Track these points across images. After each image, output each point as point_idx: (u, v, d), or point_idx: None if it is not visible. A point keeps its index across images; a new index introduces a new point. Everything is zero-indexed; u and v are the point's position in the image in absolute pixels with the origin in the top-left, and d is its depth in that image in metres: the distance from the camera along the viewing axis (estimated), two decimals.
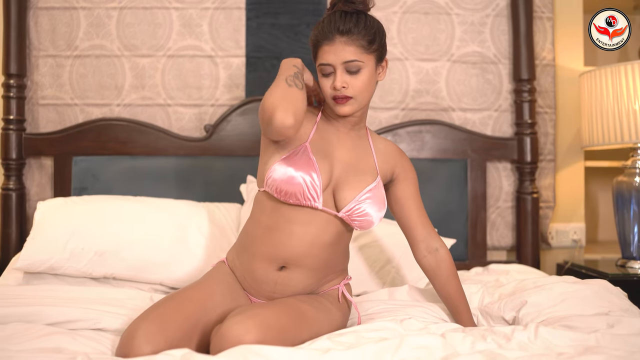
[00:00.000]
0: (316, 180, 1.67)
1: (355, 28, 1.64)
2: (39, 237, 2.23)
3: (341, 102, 1.68)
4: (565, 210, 2.87)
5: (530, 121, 2.71)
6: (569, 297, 1.85)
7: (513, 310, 1.85)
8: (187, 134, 2.74)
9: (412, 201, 1.84)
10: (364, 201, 1.71)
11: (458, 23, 2.78)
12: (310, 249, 1.70)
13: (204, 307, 1.64)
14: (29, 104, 2.73)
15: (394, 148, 1.87)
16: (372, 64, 1.69)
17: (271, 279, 1.73)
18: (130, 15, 2.74)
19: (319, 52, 1.69)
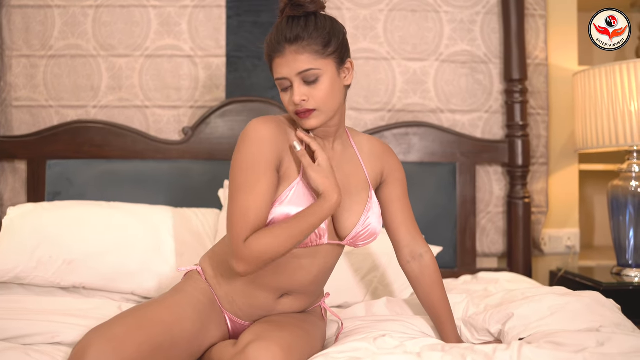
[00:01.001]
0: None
1: (304, 32, 1.48)
2: (4, 245, 2.14)
3: (304, 116, 1.51)
4: (559, 216, 2.76)
5: (522, 123, 2.60)
6: (558, 311, 1.74)
7: (499, 322, 1.75)
8: (165, 137, 2.64)
9: (398, 204, 1.72)
10: (367, 225, 1.62)
11: (447, 21, 2.67)
12: (316, 278, 1.63)
13: (171, 332, 1.49)
14: (2, 105, 2.64)
15: (379, 146, 1.73)
16: (332, 69, 1.51)
17: (270, 305, 1.64)
18: (106, 13, 2.64)
19: (272, 67, 1.53)
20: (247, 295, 1.63)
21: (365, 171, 1.67)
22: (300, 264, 1.59)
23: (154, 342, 1.45)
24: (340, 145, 1.65)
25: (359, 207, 1.62)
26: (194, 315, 1.58)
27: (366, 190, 1.64)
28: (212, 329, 1.63)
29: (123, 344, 1.39)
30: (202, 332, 1.59)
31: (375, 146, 1.73)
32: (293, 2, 1.50)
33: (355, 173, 1.66)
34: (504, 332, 1.72)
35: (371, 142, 1.73)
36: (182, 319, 1.54)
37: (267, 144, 1.49)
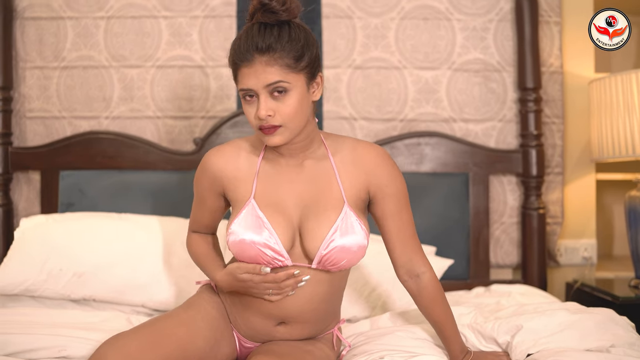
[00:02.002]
0: (271, 238, 1.49)
1: (277, 43, 1.39)
2: (15, 258, 2.17)
3: (268, 132, 1.43)
4: (575, 226, 2.71)
5: (536, 132, 2.55)
6: (569, 327, 1.70)
7: (507, 333, 1.71)
8: (177, 147, 2.65)
9: (390, 221, 1.58)
10: (332, 248, 1.49)
11: (459, 29, 2.63)
12: (307, 305, 1.56)
13: (184, 349, 1.51)
14: (16, 117, 2.66)
15: (367, 158, 1.56)
16: (302, 84, 1.43)
17: (269, 332, 1.61)
18: (118, 24, 2.65)
19: (238, 76, 1.44)
20: (245, 320, 1.62)
21: (342, 187, 1.54)
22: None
23: (168, 358, 1.47)
24: (312, 161, 1.56)
25: (324, 229, 1.50)
26: (207, 332, 1.59)
27: (337, 209, 1.52)
28: (224, 345, 1.63)
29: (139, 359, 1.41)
30: (214, 350, 1.60)
31: (362, 158, 1.56)
32: (265, 7, 1.41)
33: (327, 190, 1.54)
34: (512, 346, 1.68)
35: (357, 153, 1.57)
36: (195, 336, 1.55)
37: (206, 177, 1.60)
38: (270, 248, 1.49)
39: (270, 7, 1.40)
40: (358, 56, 2.64)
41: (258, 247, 1.49)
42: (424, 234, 2.47)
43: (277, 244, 1.49)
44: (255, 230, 1.49)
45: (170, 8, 2.65)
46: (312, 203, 1.53)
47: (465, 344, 1.68)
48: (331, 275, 1.56)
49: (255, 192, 1.53)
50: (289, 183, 1.55)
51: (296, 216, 1.54)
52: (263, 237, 1.49)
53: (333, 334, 1.69)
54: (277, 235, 1.49)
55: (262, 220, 1.49)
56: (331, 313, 1.66)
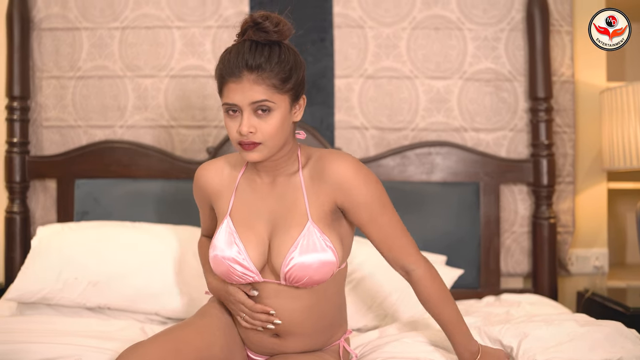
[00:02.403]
0: (240, 254, 1.53)
1: (267, 64, 1.42)
2: (32, 267, 2.21)
3: (248, 148, 1.46)
4: (587, 235, 2.71)
5: (547, 142, 2.56)
6: (577, 338, 1.71)
7: (514, 338, 1.73)
8: (190, 156, 2.68)
9: (369, 228, 1.56)
10: (292, 265, 1.50)
11: (470, 39, 2.64)
12: (294, 320, 1.57)
13: (202, 357, 1.55)
14: (33, 125, 2.71)
15: (332, 170, 1.53)
16: (285, 105, 1.46)
17: (267, 345, 1.64)
18: (132, 35, 2.69)
19: (224, 90, 1.46)
20: (243, 331, 1.66)
21: (307, 203, 1.54)
22: (265, 304, 1.57)
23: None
24: (284, 178, 1.58)
25: (286, 246, 1.52)
26: (223, 340, 1.63)
27: (300, 226, 1.52)
28: (237, 354, 1.67)
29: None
30: (229, 357, 1.64)
31: (327, 170, 1.54)
32: (258, 27, 1.44)
33: (293, 206, 1.55)
34: (519, 351, 1.69)
35: (323, 165, 1.55)
36: (212, 344, 1.60)
37: (197, 189, 1.71)
38: (239, 264, 1.53)
39: (263, 27, 1.44)
40: (370, 66, 2.65)
41: (228, 263, 1.54)
42: (434, 243, 2.52)
43: (245, 260, 1.53)
44: (227, 246, 1.54)
45: (183, 18, 2.68)
46: (279, 220, 1.56)
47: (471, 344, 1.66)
48: (310, 289, 1.56)
49: (232, 209, 1.59)
50: (261, 200, 1.59)
51: (267, 233, 1.57)
52: (232, 252, 1.54)
53: (340, 345, 1.70)
54: (246, 252, 1.53)
55: (234, 237, 1.55)
56: (329, 325, 1.66)
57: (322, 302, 1.60)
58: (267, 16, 1.45)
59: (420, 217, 2.57)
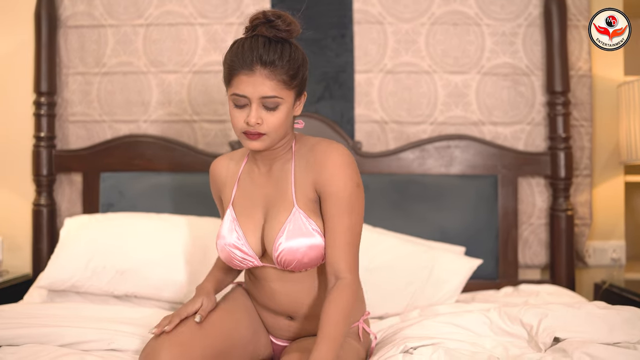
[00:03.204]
0: (239, 240, 1.62)
1: (279, 61, 1.49)
2: (61, 256, 2.27)
3: (253, 137, 1.54)
4: (604, 227, 2.74)
5: (565, 135, 2.59)
6: (596, 321, 1.75)
7: (535, 317, 1.77)
8: (213, 150, 2.73)
9: (330, 223, 1.56)
10: (281, 250, 1.55)
11: (488, 34, 2.68)
12: (301, 300, 1.64)
13: (230, 337, 1.63)
14: (59, 120, 2.77)
15: (318, 156, 1.58)
16: (291, 100, 1.54)
17: (283, 327, 1.71)
18: (156, 31, 2.75)
19: (233, 80, 1.52)
20: (262, 313, 1.73)
21: (293, 189, 1.60)
22: (270, 287, 1.65)
23: (216, 347, 1.58)
24: (278, 166, 1.65)
25: (274, 231, 1.58)
26: (248, 321, 1.71)
27: (287, 211, 1.58)
28: (261, 335, 1.74)
29: (190, 348, 1.52)
30: (255, 338, 1.71)
31: (314, 157, 1.59)
32: (270, 24, 1.51)
33: (284, 193, 1.62)
34: (539, 328, 1.73)
35: (314, 152, 1.60)
36: (238, 325, 1.67)
37: (210, 183, 1.81)
38: (239, 249, 1.62)
39: (275, 25, 1.51)
40: (389, 61, 2.70)
41: (229, 248, 1.63)
42: (453, 235, 2.56)
43: (244, 245, 1.62)
44: (228, 233, 1.63)
45: (206, 15, 2.74)
46: (271, 206, 1.63)
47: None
48: (310, 272, 1.62)
49: (234, 198, 1.68)
50: (259, 188, 1.67)
51: (262, 218, 1.65)
52: (233, 238, 1.63)
53: (359, 327, 1.74)
54: (245, 238, 1.62)
55: (235, 224, 1.64)
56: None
57: (325, 284, 1.60)
58: (279, 15, 1.52)
59: (440, 209, 2.61)
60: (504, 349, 1.73)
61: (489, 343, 1.77)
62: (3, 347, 1.76)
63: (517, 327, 1.80)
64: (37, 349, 1.73)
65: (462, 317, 1.87)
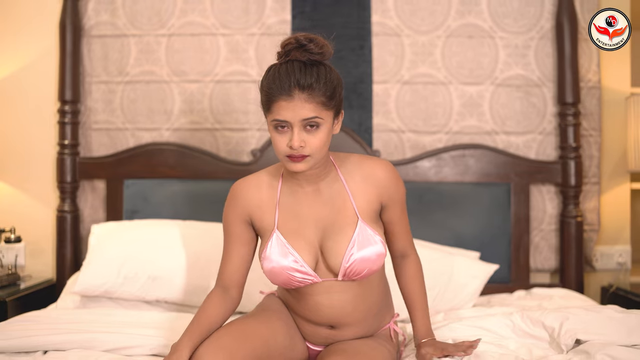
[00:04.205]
0: (297, 263, 1.65)
1: (316, 83, 1.53)
2: (94, 263, 2.33)
3: (297, 160, 1.57)
4: (611, 233, 2.85)
5: (575, 145, 2.70)
6: (615, 324, 1.86)
7: (556, 320, 1.87)
8: (234, 158, 2.81)
9: (397, 224, 1.77)
10: (353, 261, 1.64)
11: (502, 46, 2.78)
12: (344, 311, 1.71)
13: (268, 344, 1.67)
14: (83, 128, 2.83)
15: (376, 172, 1.72)
16: (330, 120, 1.59)
17: (322, 335, 1.77)
18: (178, 41, 2.82)
19: (273, 106, 1.55)
20: (300, 325, 1.79)
21: (354, 204, 1.69)
22: (315, 300, 1.70)
23: (256, 353, 1.63)
24: (326, 184, 1.70)
25: (342, 245, 1.65)
26: (284, 329, 1.76)
27: (352, 225, 1.67)
28: (298, 342, 1.79)
29: (233, 353, 1.58)
30: (291, 345, 1.76)
31: (371, 173, 1.72)
32: (304, 48, 1.55)
33: (343, 208, 1.69)
34: (561, 331, 1.83)
35: (363, 169, 1.72)
36: (276, 332, 1.72)
37: (234, 206, 1.73)
38: (298, 271, 1.65)
39: (308, 49, 1.55)
40: (406, 72, 2.79)
41: (287, 272, 1.65)
42: (469, 240, 2.66)
43: (303, 266, 1.65)
44: (282, 257, 1.65)
45: (228, 26, 2.81)
46: (329, 223, 1.68)
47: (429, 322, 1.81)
48: (357, 282, 1.71)
49: (278, 222, 1.69)
50: (307, 208, 1.70)
51: (317, 237, 1.69)
52: (289, 262, 1.64)
53: (390, 329, 1.84)
54: (301, 259, 1.65)
55: (287, 247, 1.65)
56: (378, 311, 1.80)
57: (368, 291, 1.74)
58: (311, 39, 1.55)
59: (455, 215, 2.71)
60: (527, 350, 1.83)
61: (513, 345, 1.87)
62: (51, 352, 1.83)
63: (539, 330, 1.90)
64: (84, 354, 1.80)
65: (486, 320, 1.97)
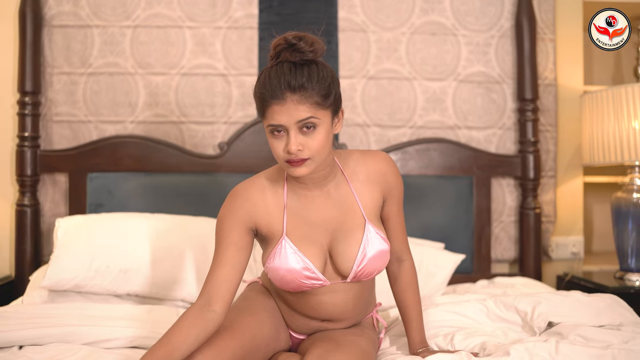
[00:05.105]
0: (308, 270, 1.62)
1: (308, 83, 1.47)
2: (64, 256, 2.27)
3: (297, 164, 1.51)
4: (565, 224, 2.99)
5: (534, 139, 2.82)
6: (583, 307, 1.96)
7: (528, 305, 1.95)
8: (200, 151, 2.79)
9: (392, 220, 1.75)
10: (364, 264, 1.65)
11: (464, 44, 2.87)
12: (346, 308, 1.72)
13: (255, 338, 1.66)
14: (43, 120, 2.76)
15: (377, 167, 1.70)
16: (328, 119, 1.52)
17: (314, 327, 1.78)
18: (144, 33, 2.78)
19: (267, 111, 1.49)
20: (293, 318, 1.79)
21: (360, 206, 1.67)
22: (318, 300, 1.69)
23: (244, 348, 1.62)
24: (333, 186, 1.67)
25: (353, 249, 1.64)
26: (270, 320, 1.75)
27: (361, 227, 1.65)
28: (282, 332, 1.80)
29: (223, 349, 1.56)
30: (276, 336, 1.76)
31: (373, 168, 1.70)
32: (293, 47, 1.49)
33: (351, 211, 1.67)
34: (534, 314, 1.91)
35: (367, 165, 1.70)
36: (262, 324, 1.71)
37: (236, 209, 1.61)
38: (308, 277, 1.63)
39: (298, 48, 1.49)
40: (372, 67, 2.85)
41: (299, 280, 1.63)
42: (432, 232, 2.74)
43: (314, 272, 1.62)
44: (293, 264, 1.61)
45: (194, 19, 2.80)
46: (338, 226, 1.66)
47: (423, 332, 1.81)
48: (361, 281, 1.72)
49: (287, 228, 1.63)
50: (316, 212, 1.66)
51: (326, 241, 1.66)
52: (300, 268, 1.61)
53: (372, 317, 1.88)
54: (313, 265, 1.62)
55: (298, 255, 1.61)
56: (368, 303, 1.84)
57: (367, 287, 1.78)
58: (300, 37, 1.50)
59: (420, 208, 2.78)
60: (503, 333, 1.90)
61: (488, 329, 1.95)
62: (27, 347, 1.79)
63: (512, 314, 1.98)
64: (63, 348, 1.77)
65: (461, 305, 2.04)
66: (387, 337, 1.93)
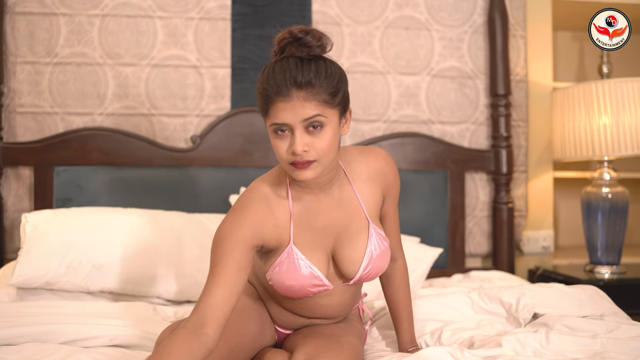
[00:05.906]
0: (316, 277, 1.56)
1: (315, 79, 1.37)
2: (33, 252, 2.17)
3: (302, 167, 1.41)
4: (536, 218, 3.03)
5: (506, 134, 2.84)
6: (566, 298, 1.98)
7: (513, 297, 1.96)
8: (171, 144, 2.72)
9: (389, 218, 1.71)
10: (370, 268, 1.61)
11: (437, 39, 2.88)
12: (340, 308, 1.69)
13: (240, 335, 1.61)
14: (5, 111, 2.64)
15: (377, 165, 1.64)
16: (336, 119, 1.42)
17: (303, 323, 1.74)
18: (113, 23, 2.69)
19: (270, 109, 1.39)
20: (280, 314, 1.74)
21: (364, 207, 1.61)
22: (315, 302, 1.65)
23: (229, 345, 1.56)
24: (337, 189, 1.59)
25: (358, 253, 1.59)
26: (256, 316, 1.70)
27: (365, 229, 1.60)
28: (267, 328, 1.75)
29: None
30: (262, 332, 1.72)
31: (374, 168, 1.64)
32: (300, 42, 1.39)
33: (355, 213, 1.60)
34: (519, 306, 1.92)
35: (368, 164, 1.63)
36: (248, 321, 1.66)
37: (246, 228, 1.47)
38: (316, 285, 1.57)
39: (305, 42, 1.39)
40: (345, 61, 2.83)
41: (305, 287, 1.56)
42: (409, 226, 2.73)
43: (319, 279, 1.56)
44: (302, 274, 1.54)
45: (165, 9, 2.72)
46: (342, 230, 1.59)
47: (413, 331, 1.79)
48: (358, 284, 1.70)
49: (294, 236, 1.54)
50: (322, 217, 1.58)
51: (329, 245, 1.60)
52: (308, 277, 1.55)
53: (359, 308, 1.86)
54: (319, 272, 1.56)
55: (305, 262, 1.54)
56: (357, 297, 1.81)
57: (360, 286, 1.75)
58: (307, 31, 1.40)
59: None
60: (489, 324, 1.91)
61: (474, 321, 1.95)
62: (1, 347, 1.70)
63: (496, 306, 1.98)
64: (40, 348, 1.68)
65: (446, 297, 2.03)
66: (374, 328, 1.92)
